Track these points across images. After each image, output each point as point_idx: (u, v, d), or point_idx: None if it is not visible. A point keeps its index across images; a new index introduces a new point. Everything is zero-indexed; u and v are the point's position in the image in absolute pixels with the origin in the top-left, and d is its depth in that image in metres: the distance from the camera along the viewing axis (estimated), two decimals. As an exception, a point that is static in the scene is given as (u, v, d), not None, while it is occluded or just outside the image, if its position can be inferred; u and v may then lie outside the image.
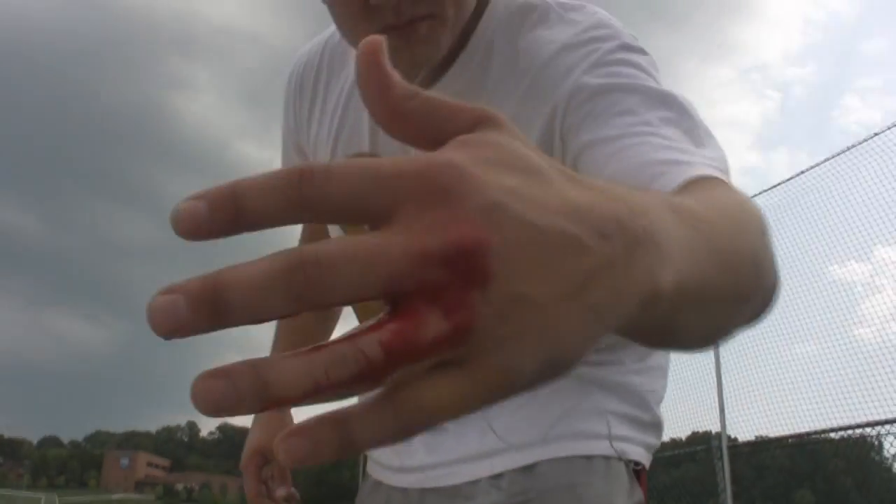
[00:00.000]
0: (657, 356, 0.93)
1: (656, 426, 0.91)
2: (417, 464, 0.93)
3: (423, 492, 0.91)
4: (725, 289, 0.44)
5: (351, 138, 0.89)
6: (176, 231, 0.26)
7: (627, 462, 0.85)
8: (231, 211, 0.26)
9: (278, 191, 0.26)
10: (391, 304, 0.27)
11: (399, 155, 0.81)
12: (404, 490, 0.94)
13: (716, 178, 0.59)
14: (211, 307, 0.24)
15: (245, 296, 0.25)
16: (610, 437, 0.84)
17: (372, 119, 0.84)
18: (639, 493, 0.85)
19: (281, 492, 1.11)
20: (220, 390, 0.24)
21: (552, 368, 0.29)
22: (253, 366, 0.25)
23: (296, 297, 0.25)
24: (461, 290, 0.26)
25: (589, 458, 0.83)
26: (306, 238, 1.17)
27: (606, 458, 0.83)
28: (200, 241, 0.27)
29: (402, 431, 0.27)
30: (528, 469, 0.82)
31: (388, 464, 0.97)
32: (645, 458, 0.88)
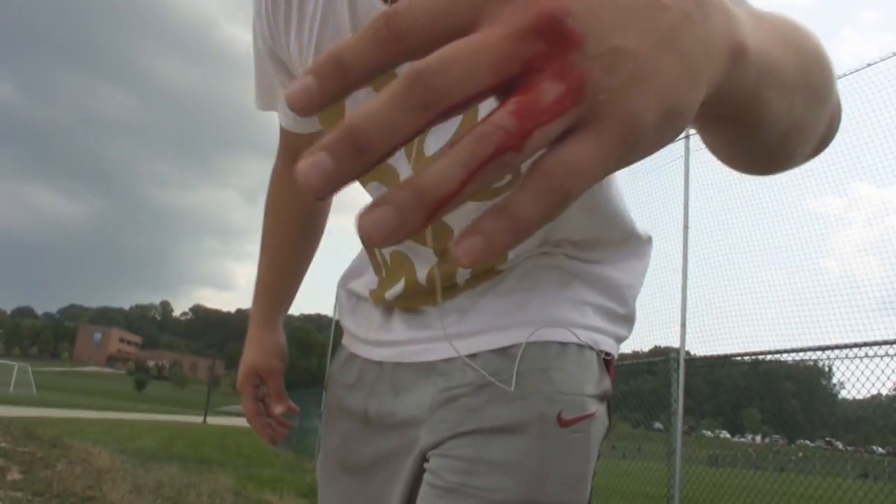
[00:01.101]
0: (639, 254, 0.96)
1: (629, 320, 0.94)
2: (395, 338, 0.95)
3: (398, 366, 0.93)
4: (797, 74, 0.47)
5: (333, 45, 0.83)
6: (294, 109, 0.28)
7: (599, 352, 0.88)
8: (339, 75, 0.28)
9: (370, 38, 0.28)
10: (504, 96, 0.29)
11: None
12: (379, 364, 0.96)
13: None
14: (352, 148, 0.27)
15: (379, 124, 0.27)
16: (581, 327, 0.87)
17: (353, 25, 0.82)
18: (607, 382, 0.89)
19: (278, 408, 1.14)
20: (386, 216, 0.26)
21: (670, 119, 0.32)
22: (405, 182, 0.27)
23: (422, 107, 0.27)
24: (562, 56, 0.28)
25: (563, 344, 0.85)
26: (286, 149, 1.15)
27: (580, 346, 0.86)
28: (313, 113, 0.28)
29: (559, 195, 0.28)
30: (503, 351, 0.85)
31: (365, 337, 1.00)
32: (615, 350, 0.92)
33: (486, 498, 0.79)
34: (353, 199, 1.03)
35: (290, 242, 1.20)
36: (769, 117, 0.46)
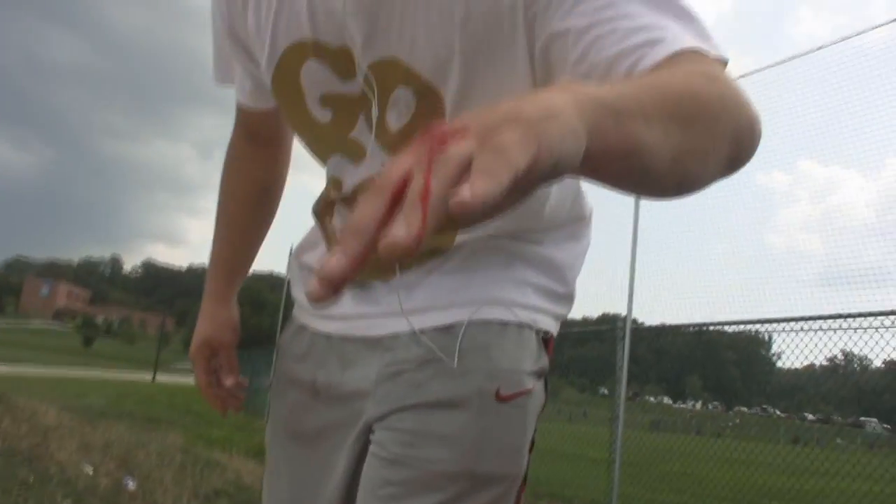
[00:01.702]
0: (579, 235, 1.01)
1: (569, 299, 0.99)
2: (344, 312, 0.97)
3: (346, 339, 0.97)
4: (663, 108, 0.55)
5: (290, 24, 0.86)
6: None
7: (538, 331, 0.92)
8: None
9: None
10: None
11: (339, 35, 0.85)
12: (328, 336, 1.00)
13: (688, 52, 0.65)
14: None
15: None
16: (521, 307, 0.91)
17: (309, 2, 0.85)
18: (545, 360, 0.93)
19: (229, 381, 1.17)
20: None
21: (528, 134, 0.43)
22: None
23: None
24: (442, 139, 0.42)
25: (504, 323, 0.88)
26: (243, 125, 1.16)
27: (519, 325, 0.89)
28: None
29: (505, 156, 0.40)
30: (447, 329, 0.89)
31: (315, 310, 1.03)
32: (554, 328, 0.96)
33: (428, 469, 0.83)
34: (310, 160, 1.05)
35: (244, 216, 1.21)
36: (644, 144, 0.53)
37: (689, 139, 0.57)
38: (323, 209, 1.01)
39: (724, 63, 0.69)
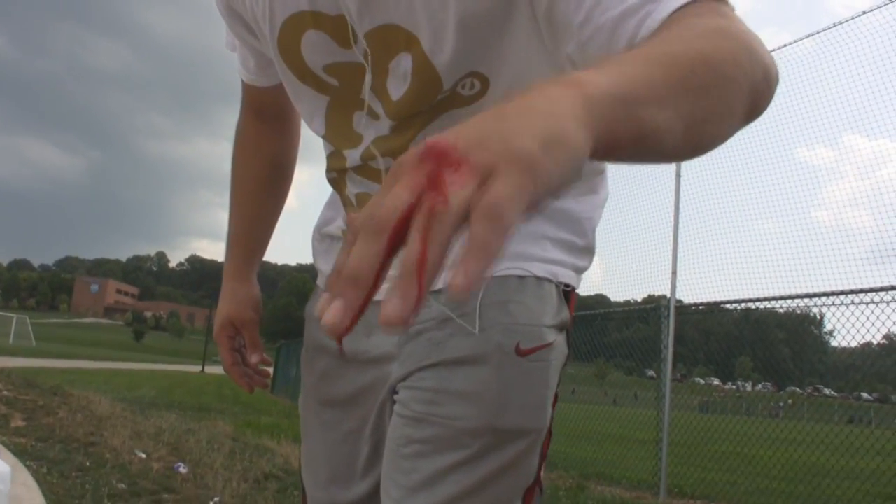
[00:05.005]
0: (597, 188, 0.99)
1: (589, 251, 0.97)
2: None
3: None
4: (668, 85, 0.53)
5: None
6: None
7: (558, 284, 0.91)
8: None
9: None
10: None
11: (335, 3, 0.82)
12: None
13: (695, 3, 0.63)
14: (353, 286, 0.38)
15: (360, 260, 0.38)
16: (540, 260, 0.90)
17: None
18: (565, 312, 0.92)
19: (254, 358, 1.18)
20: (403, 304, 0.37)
21: (552, 144, 0.41)
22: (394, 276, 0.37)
23: (378, 232, 0.38)
24: (445, 156, 0.40)
25: (522, 278, 0.87)
26: (249, 103, 1.17)
27: (538, 278, 0.89)
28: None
29: (500, 224, 0.37)
30: None
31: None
32: (575, 281, 0.95)
33: (451, 426, 0.83)
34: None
35: (257, 194, 1.22)
36: (655, 126, 0.52)
37: (703, 108, 0.56)
38: (336, 178, 1.01)
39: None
